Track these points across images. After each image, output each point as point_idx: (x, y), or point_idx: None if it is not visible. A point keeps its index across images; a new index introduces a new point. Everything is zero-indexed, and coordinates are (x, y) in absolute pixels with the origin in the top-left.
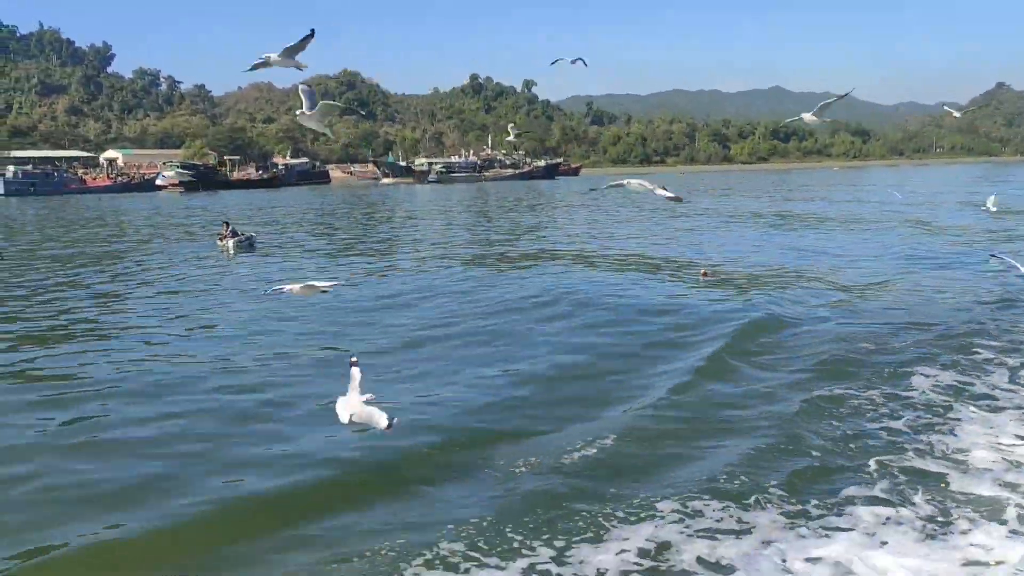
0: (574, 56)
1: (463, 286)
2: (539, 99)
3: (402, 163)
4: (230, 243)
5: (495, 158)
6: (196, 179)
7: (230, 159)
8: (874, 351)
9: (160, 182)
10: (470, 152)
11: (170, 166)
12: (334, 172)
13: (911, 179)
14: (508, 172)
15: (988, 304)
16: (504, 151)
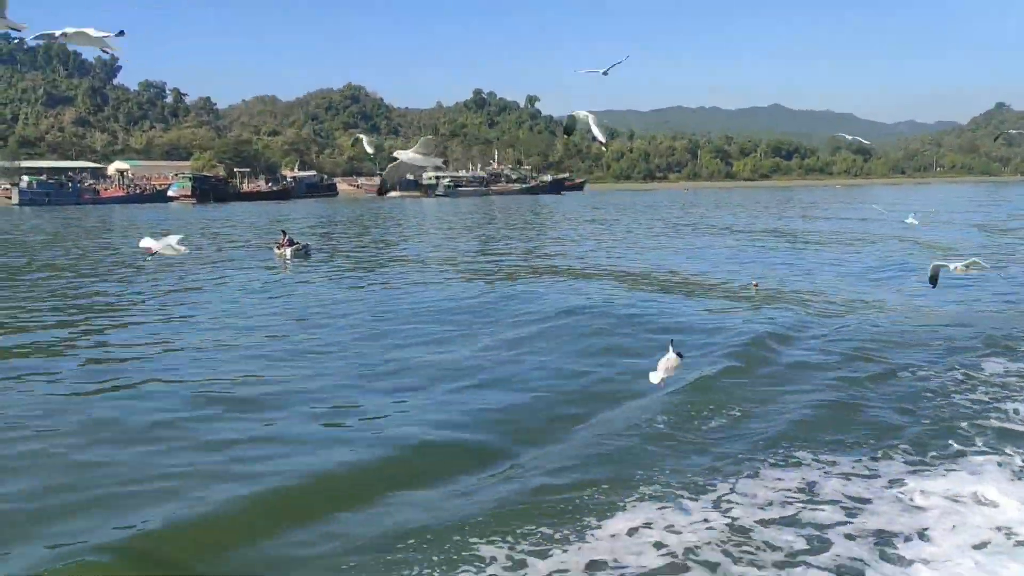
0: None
1: (487, 298)
2: (542, 114)
3: (409, 177)
4: (288, 251)
5: (501, 172)
6: (208, 191)
7: (240, 171)
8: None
9: (172, 193)
10: (478, 166)
11: (182, 178)
12: (340, 185)
13: (927, 199)
14: (515, 187)
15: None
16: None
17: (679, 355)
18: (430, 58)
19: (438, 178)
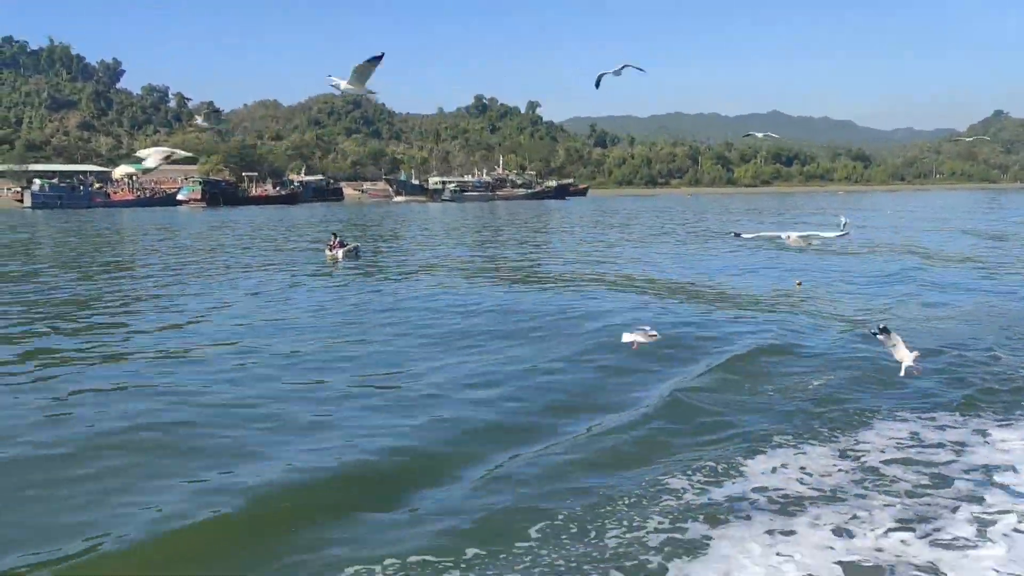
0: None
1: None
2: (543, 120)
3: (415, 181)
4: (339, 252)
5: (507, 178)
6: (218, 195)
7: (248, 175)
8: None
9: (181, 197)
10: (483, 172)
11: (192, 182)
12: (345, 189)
13: (924, 204)
14: (520, 192)
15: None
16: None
17: (883, 331)
18: (431, 61)
19: (444, 183)
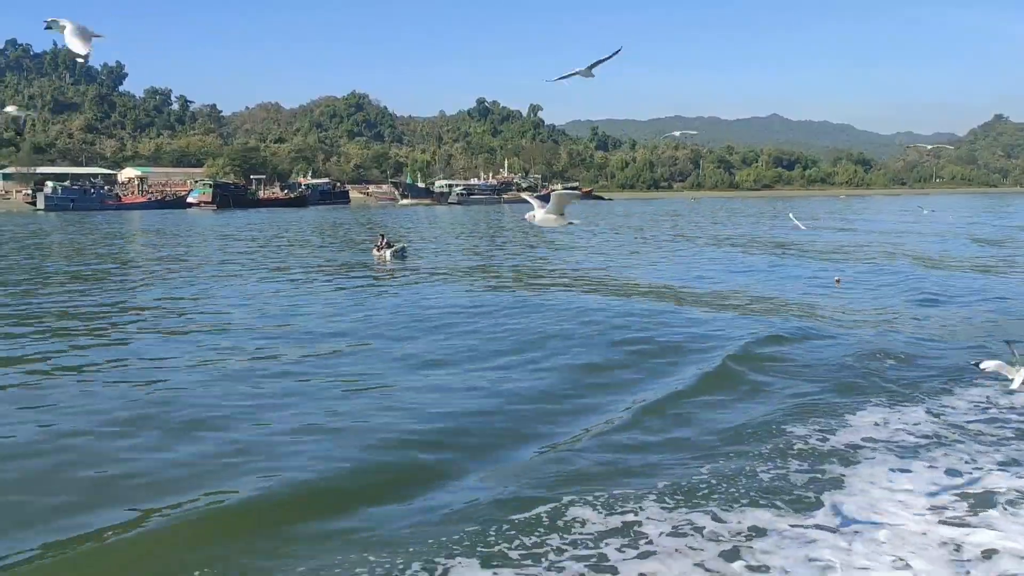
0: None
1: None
2: (544, 124)
3: (420, 184)
4: (387, 253)
5: (512, 181)
6: (228, 197)
7: (256, 178)
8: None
9: (191, 199)
10: (490, 175)
11: (203, 184)
12: (350, 192)
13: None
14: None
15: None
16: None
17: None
18: (433, 64)
19: (451, 186)
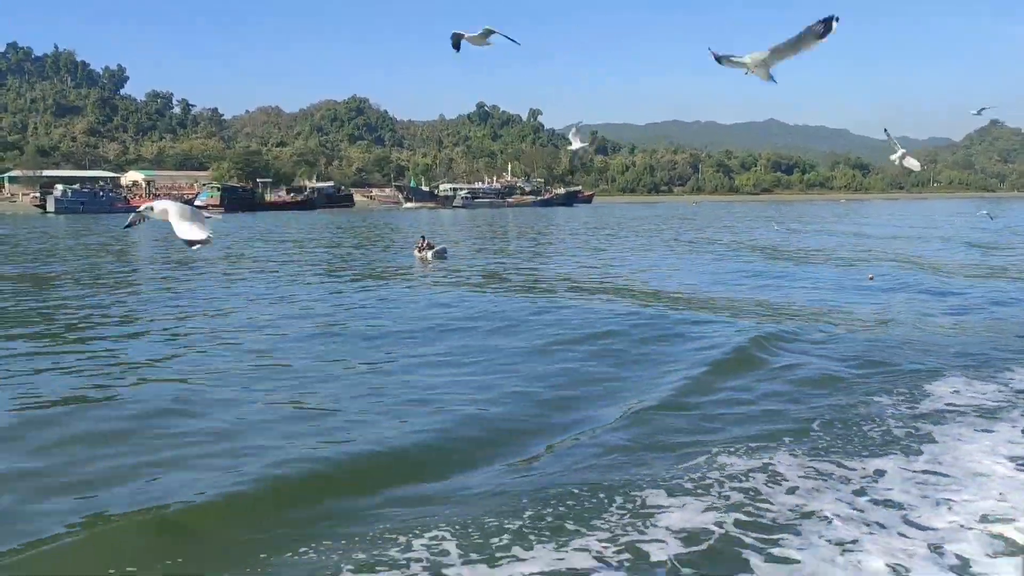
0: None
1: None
2: (544, 128)
3: (424, 188)
4: (429, 253)
5: (516, 185)
6: (236, 200)
7: (262, 181)
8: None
9: (199, 203)
10: (493, 179)
11: (211, 188)
12: (355, 195)
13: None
14: (529, 199)
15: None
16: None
17: None
18: (432, 67)
19: (455, 190)
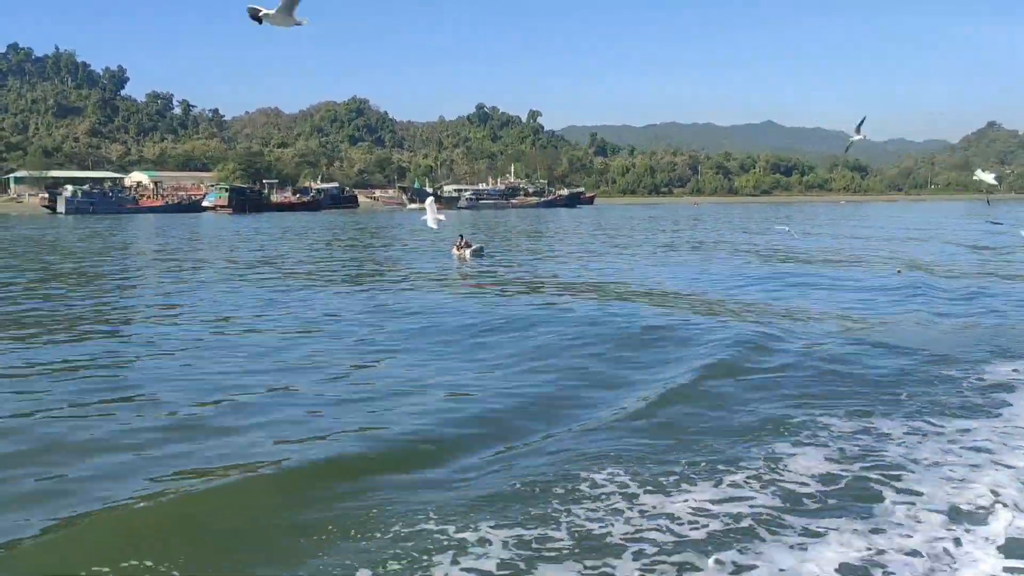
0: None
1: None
2: (544, 129)
3: (428, 189)
4: (467, 252)
5: (519, 186)
6: (244, 201)
7: (268, 182)
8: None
9: (207, 203)
10: (497, 180)
11: (218, 188)
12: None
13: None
14: (532, 200)
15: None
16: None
17: None
18: (432, 68)
19: (460, 191)
